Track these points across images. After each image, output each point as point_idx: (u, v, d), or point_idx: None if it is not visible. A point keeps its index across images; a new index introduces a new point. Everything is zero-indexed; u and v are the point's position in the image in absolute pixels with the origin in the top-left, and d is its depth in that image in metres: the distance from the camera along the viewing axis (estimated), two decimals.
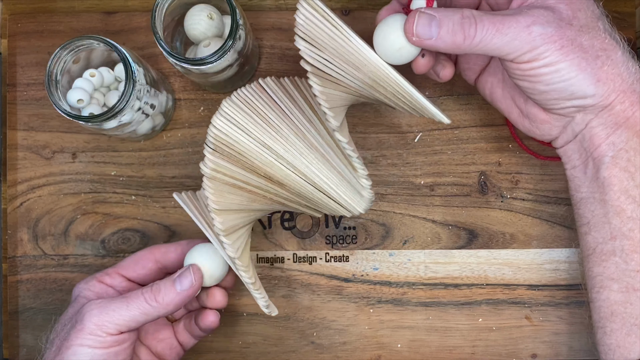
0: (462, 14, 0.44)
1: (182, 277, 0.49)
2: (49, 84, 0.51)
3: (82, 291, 0.50)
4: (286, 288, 0.59)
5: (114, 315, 0.47)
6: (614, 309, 0.47)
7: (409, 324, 0.59)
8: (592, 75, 0.44)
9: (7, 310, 0.59)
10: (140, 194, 0.60)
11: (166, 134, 0.60)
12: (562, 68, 0.44)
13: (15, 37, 0.60)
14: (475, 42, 0.44)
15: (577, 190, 0.49)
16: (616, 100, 0.45)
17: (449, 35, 0.44)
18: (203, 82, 0.57)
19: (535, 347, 0.59)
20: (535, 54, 0.43)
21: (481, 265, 0.59)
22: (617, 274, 0.47)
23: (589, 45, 0.44)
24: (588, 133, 0.47)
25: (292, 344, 0.59)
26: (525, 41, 0.43)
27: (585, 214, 0.49)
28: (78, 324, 0.47)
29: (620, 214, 0.46)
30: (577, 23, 0.44)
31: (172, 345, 0.53)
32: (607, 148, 0.46)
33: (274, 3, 0.60)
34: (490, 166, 0.59)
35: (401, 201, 0.59)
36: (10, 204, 0.59)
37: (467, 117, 0.59)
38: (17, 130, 0.60)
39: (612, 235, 0.47)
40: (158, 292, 0.48)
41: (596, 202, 0.48)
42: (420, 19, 0.44)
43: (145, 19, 0.60)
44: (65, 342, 0.47)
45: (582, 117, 0.47)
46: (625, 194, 0.46)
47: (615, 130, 0.46)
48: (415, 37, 0.44)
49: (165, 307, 0.48)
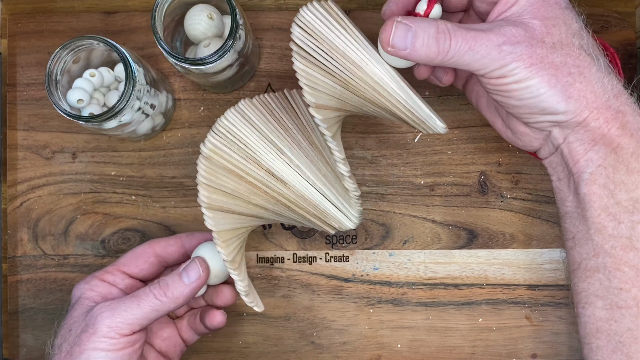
0: (438, 28, 0.44)
1: (188, 269, 0.49)
2: (49, 84, 0.51)
3: (84, 292, 0.50)
4: (286, 288, 0.59)
5: (125, 316, 0.47)
6: (599, 326, 0.47)
7: (409, 324, 0.59)
8: (562, 92, 0.44)
9: (7, 310, 0.59)
10: (140, 194, 0.60)
11: (166, 134, 0.60)
12: (532, 85, 0.44)
13: (15, 37, 0.60)
14: (448, 57, 0.44)
15: (563, 203, 0.49)
16: (590, 117, 0.45)
17: (423, 48, 0.44)
18: (203, 82, 0.57)
19: (535, 347, 0.59)
20: (504, 71, 0.44)
21: (481, 265, 0.59)
22: (601, 290, 0.47)
23: (561, 62, 0.44)
24: (567, 148, 0.47)
25: (292, 344, 0.59)
26: (495, 59, 0.43)
27: (570, 229, 0.49)
28: (90, 327, 0.47)
29: (602, 231, 0.46)
30: (550, 40, 0.44)
31: (176, 342, 0.54)
32: (586, 164, 0.46)
33: (274, 3, 0.60)
34: (490, 166, 0.59)
35: (401, 201, 0.59)
36: (10, 204, 0.59)
37: (467, 117, 0.59)
38: (17, 130, 0.60)
39: (595, 252, 0.47)
40: (167, 287, 0.48)
41: (579, 217, 0.47)
42: (397, 29, 0.44)
43: (145, 19, 0.60)
44: (76, 347, 0.46)
45: (560, 131, 0.47)
46: (605, 211, 0.46)
47: (592, 147, 0.46)
48: (391, 47, 0.45)
49: (175, 300, 0.48)
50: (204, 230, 0.51)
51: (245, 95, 0.59)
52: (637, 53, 0.59)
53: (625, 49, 0.59)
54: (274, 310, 0.59)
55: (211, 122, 0.59)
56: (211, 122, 0.59)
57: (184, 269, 0.49)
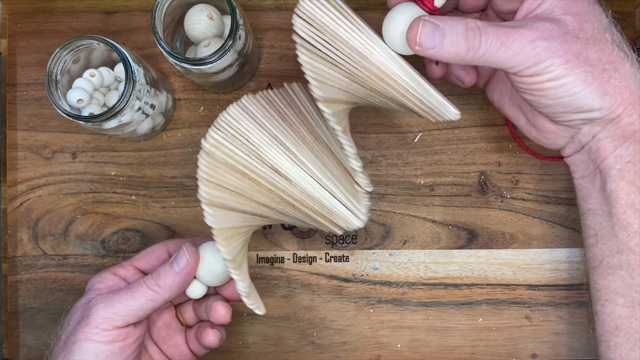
0: (467, 25, 0.43)
1: (177, 257, 0.49)
2: (49, 84, 0.51)
3: (94, 284, 0.50)
4: (286, 288, 0.59)
5: (119, 307, 0.47)
6: (619, 323, 0.47)
7: (409, 324, 0.59)
8: (599, 89, 0.44)
9: (7, 310, 0.59)
10: (140, 194, 0.60)
11: (166, 134, 0.60)
12: (568, 82, 0.43)
13: (15, 37, 0.60)
14: (479, 55, 0.43)
15: (585, 200, 0.49)
16: (624, 113, 0.45)
17: (453, 46, 0.43)
18: (203, 82, 0.57)
19: (535, 347, 0.59)
20: (539, 68, 0.43)
21: (481, 265, 0.59)
22: (623, 288, 0.47)
23: (596, 58, 0.44)
24: (595, 145, 0.46)
25: (292, 344, 0.59)
26: (529, 55, 0.42)
27: (592, 226, 0.48)
28: (85, 318, 0.47)
29: (627, 228, 0.46)
30: (584, 36, 0.44)
31: (183, 352, 0.53)
32: (614, 161, 0.46)
33: (274, 3, 0.60)
34: (490, 166, 0.59)
35: (401, 201, 0.59)
36: (10, 204, 0.59)
37: (467, 117, 0.59)
38: (17, 130, 0.60)
39: (618, 249, 0.46)
40: (158, 277, 0.48)
41: (604, 214, 0.47)
42: (424, 28, 0.43)
43: (145, 19, 0.60)
44: (71, 337, 0.47)
45: (589, 128, 0.46)
46: (632, 207, 0.46)
47: (622, 143, 0.45)
48: (418, 46, 0.43)
49: (168, 289, 0.48)
50: (205, 230, 0.50)
51: None
52: (637, 53, 0.59)
53: None
54: (274, 310, 0.59)
55: (211, 122, 0.59)
56: (211, 122, 0.59)
57: (174, 257, 0.49)
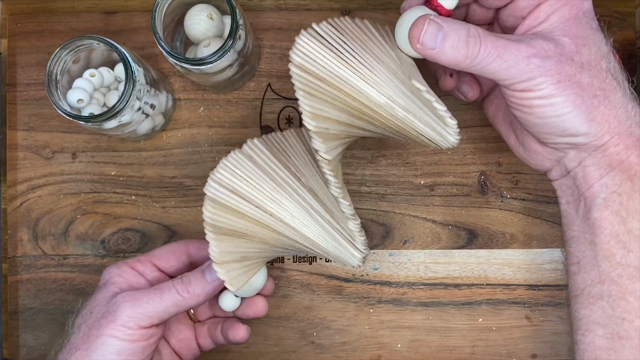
0: (469, 32, 0.43)
1: (211, 267, 0.49)
2: (49, 84, 0.51)
3: (112, 276, 0.50)
4: (286, 288, 0.59)
5: (147, 308, 0.47)
6: (598, 355, 0.46)
7: (409, 324, 0.59)
8: (587, 114, 0.44)
9: (7, 310, 0.59)
10: (140, 194, 0.60)
11: (166, 134, 0.60)
12: (556, 102, 0.43)
13: (15, 37, 0.60)
14: (475, 63, 0.43)
15: (569, 227, 0.49)
16: (610, 142, 0.45)
17: (452, 50, 0.43)
18: (203, 82, 0.57)
19: (535, 347, 0.59)
20: (530, 84, 0.43)
21: (481, 265, 0.59)
22: (604, 319, 0.46)
23: (588, 83, 0.44)
24: (581, 172, 0.46)
25: (292, 344, 0.59)
26: (522, 71, 0.43)
27: (575, 253, 0.48)
28: (110, 314, 0.47)
29: (610, 258, 0.46)
30: (579, 59, 0.44)
31: (191, 346, 0.54)
32: (600, 189, 0.46)
33: (274, 3, 0.60)
34: (490, 166, 0.59)
35: (401, 201, 0.59)
36: (10, 204, 0.59)
37: (467, 117, 0.59)
38: (17, 130, 0.60)
39: (600, 279, 0.46)
40: (189, 284, 0.48)
41: (586, 242, 0.47)
42: (429, 27, 0.43)
43: (145, 19, 0.60)
44: (94, 330, 0.47)
45: (576, 154, 0.46)
46: (615, 238, 0.45)
47: (608, 172, 0.45)
48: (420, 44, 0.44)
49: (197, 297, 0.48)
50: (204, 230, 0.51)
51: (245, 95, 0.59)
52: (637, 53, 0.59)
53: (625, 49, 0.59)
54: (274, 310, 0.59)
55: (211, 122, 0.60)
56: (211, 122, 0.60)
57: (207, 266, 0.49)
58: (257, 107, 0.60)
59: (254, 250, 0.49)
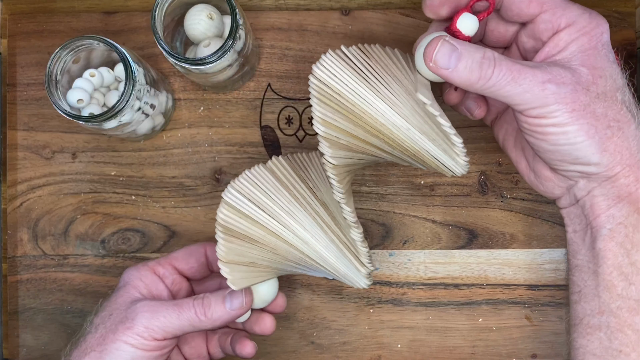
0: (484, 54, 0.43)
1: (233, 296, 0.49)
2: (49, 84, 0.51)
3: (132, 279, 0.51)
4: (286, 288, 0.59)
5: (164, 322, 0.47)
6: None
7: (409, 324, 0.59)
8: (599, 144, 0.44)
9: (7, 310, 0.59)
10: (140, 194, 0.60)
11: (166, 134, 0.60)
12: (570, 131, 0.43)
13: (15, 37, 0.60)
14: (489, 85, 0.43)
15: (574, 256, 0.49)
16: (621, 173, 0.45)
17: (466, 71, 0.43)
18: (203, 82, 0.57)
19: (535, 347, 0.59)
20: (544, 110, 0.43)
21: (481, 265, 0.59)
22: (600, 350, 0.46)
23: (602, 113, 0.44)
24: (589, 201, 0.46)
25: (292, 344, 0.59)
26: (537, 96, 0.43)
27: (578, 282, 0.48)
28: (128, 321, 0.47)
29: (611, 289, 0.46)
30: (595, 90, 0.44)
31: (201, 354, 0.54)
32: (606, 220, 0.46)
33: (274, 3, 0.60)
34: (490, 166, 0.59)
35: (401, 201, 0.59)
36: (10, 204, 0.59)
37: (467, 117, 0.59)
38: (17, 130, 0.60)
39: (600, 309, 0.46)
40: (209, 307, 0.48)
41: (590, 272, 0.47)
42: (442, 47, 0.43)
43: (145, 19, 0.60)
44: (110, 334, 0.47)
45: (586, 184, 0.46)
46: (618, 269, 0.45)
47: (616, 203, 0.46)
48: (433, 63, 0.44)
49: (213, 322, 0.49)
50: (204, 230, 0.51)
51: (245, 95, 0.59)
52: (637, 53, 0.59)
53: (625, 49, 0.59)
54: None
55: (211, 122, 0.60)
56: (211, 122, 0.60)
57: (229, 293, 0.49)
58: (257, 107, 0.60)
59: (264, 258, 0.50)
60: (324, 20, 0.60)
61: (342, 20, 0.59)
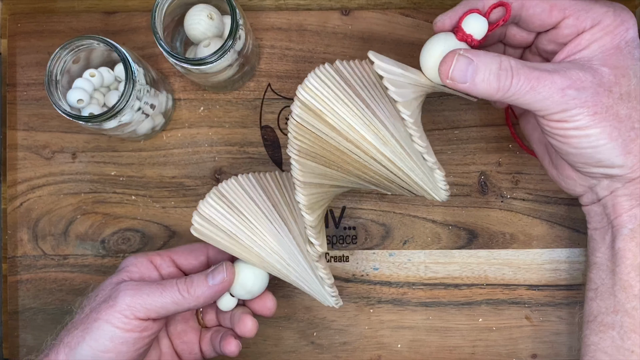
0: (501, 65, 0.43)
1: (215, 272, 0.49)
2: (49, 84, 0.51)
3: (128, 265, 0.51)
4: (286, 288, 0.59)
5: (146, 300, 0.47)
6: None
7: (409, 324, 0.59)
8: (623, 146, 0.43)
9: (7, 310, 0.59)
10: (140, 194, 0.60)
11: (166, 134, 0.60)
12: (592, 134, 0.43)
13: (15, 37, 0.60)
14: (508, 95, 0.43)
15: (593, 253, 0.49)
16: None
17: (483, 83, 0.43)
18: (203, 82, 0.57)
19: (535, 347, 0.59)
20: (566, 115, 0.43)
21: (481, 265, 0.59)
22: (612, 349, 0.46)
23: (626, 115, 0.43)
24: (612, 201, 0.46)
25: (292, 344, 0.59)
26: (557, 102, 0.42)
27: (595, 279, 0.48)
28: (111, 300, 0.47)
29: (627, 289, 0.46)
30: (618, 90, 0.43)
31: (193, 350, 0.53)
32: (628, 220, 0.46)
33: (274, 3, 0.60)
34: (490, 166, 0.59)
35: (401, 201, 0.59)
36: (10, 204, 0.59)
37: (467, 117, 0.59)
38: (17, 130, 0.60)
39: (614, 308, 0.46)
40: (191, 284, 0.49)
41: (608, 270, 0.47)
42: (457, 63, 0.43)
43: (145, 19, 0.60)
44: (93, 313, 0.47)
45: (609, 183, 0.46)
46: (636, 270, 0.45)
47: (639, 204, 0.45)
48: (450, 79, 0.43)
49: (196, 299, 0.48)
50: None
51: (245, 95, 0.59)
52: None
53: None
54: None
55: (211, 122, 0.60)
56: (211, 122, 0.60)
57: (211, 271, 0.50)
58: (257, 107, 0.60)
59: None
60: (324, 20, 0.60)
61: (342, 20, 0.59)
